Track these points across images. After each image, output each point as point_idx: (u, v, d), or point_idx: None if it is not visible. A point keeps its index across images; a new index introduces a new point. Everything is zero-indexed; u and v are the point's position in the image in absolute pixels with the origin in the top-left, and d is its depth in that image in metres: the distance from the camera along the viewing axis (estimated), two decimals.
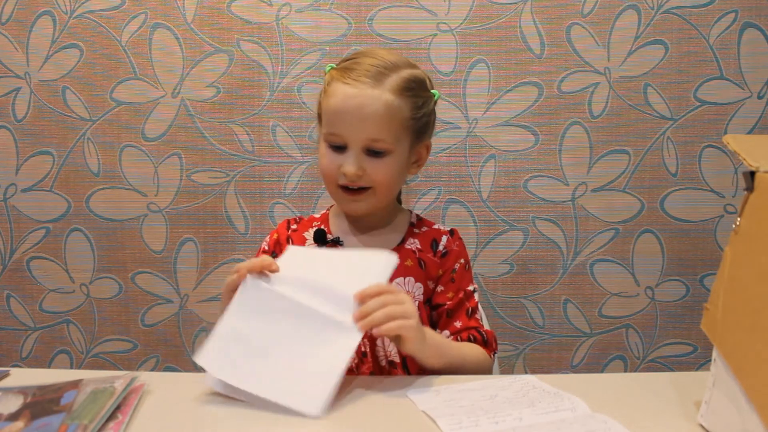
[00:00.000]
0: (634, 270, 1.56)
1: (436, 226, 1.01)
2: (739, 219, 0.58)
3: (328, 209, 1.04)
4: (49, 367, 1.60)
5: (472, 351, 0.89)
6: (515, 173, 1.54)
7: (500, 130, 1.53)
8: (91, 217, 1.57)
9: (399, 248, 0.96)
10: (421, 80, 0.94)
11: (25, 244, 1.58)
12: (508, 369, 1.58)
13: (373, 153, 0.90)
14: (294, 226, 1.02)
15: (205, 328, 1.57)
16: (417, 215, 1.03)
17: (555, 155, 1.54)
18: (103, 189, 1.56)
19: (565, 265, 1.56)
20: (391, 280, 0.93)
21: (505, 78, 1.52)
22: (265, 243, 1.03)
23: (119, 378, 0.70)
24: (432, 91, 0.96)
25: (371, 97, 0.88)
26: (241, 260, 0.91)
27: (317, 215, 1.04)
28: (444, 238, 0.99)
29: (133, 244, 1.57)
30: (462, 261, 0.98)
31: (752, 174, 0.57)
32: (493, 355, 0.93)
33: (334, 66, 0.95)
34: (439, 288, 0.96)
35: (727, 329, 0.59)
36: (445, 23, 1.51)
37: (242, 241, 1.57)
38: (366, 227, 0.98)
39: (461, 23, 1.51)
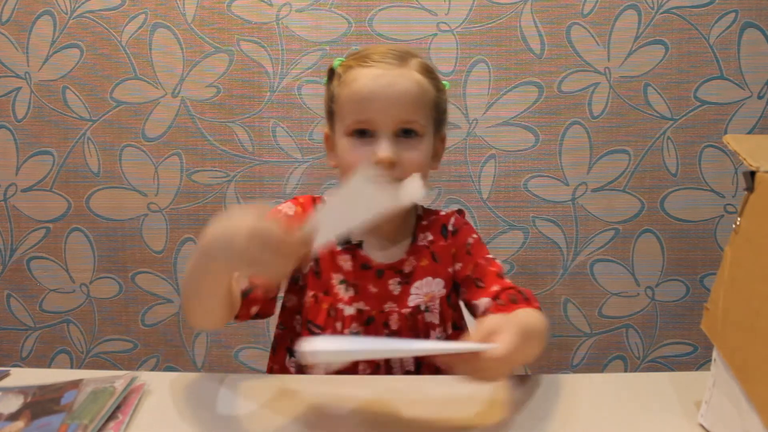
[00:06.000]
0: (634, 270, 1.56)
1: (443, 213, 0.97)
2: (739, 219, 0.58)
3: None
4: (49, 367, 1.60)
5: (533, 318, 0.77)
6: (515, 173, 1.54)
7: (500, 130, 1.53)
8: (91, 217, 1.57)
9: (413, 248, 0.91)
10: (434, 68, 0.91)
11: (25, 244, 1.58)
12: None
13: (405, 135, 0.82)
14: (319, 206, 0.92)
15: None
16: (422, 207, 0.98)
17: (555, 155, 1.53)
18: (103, 189, 1.56)
19: (565, 265, 1.56)
20: (411, 283, 0.88)
21: (505, 78, 1.52)
22: (288, 208, 0.89)
23: (119, 378, 0.70)
24: (444, 81, 0.92)
25: (401, 75, 0.82)
26: None
27: None
28: (452, 219, 0.95)
29: (134, 244, 1.57)
30: (474, 236, 0.93)
31: (752, 174, 0.57)
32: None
33: (343, 59, 0.89)
34: (458, 265, 0.91)
35: (727, 329, 0.59)
36: (445, 23, 1.51)
37: None
38: (379, 226, 0.94)
39: (461, 23, 1.51)
